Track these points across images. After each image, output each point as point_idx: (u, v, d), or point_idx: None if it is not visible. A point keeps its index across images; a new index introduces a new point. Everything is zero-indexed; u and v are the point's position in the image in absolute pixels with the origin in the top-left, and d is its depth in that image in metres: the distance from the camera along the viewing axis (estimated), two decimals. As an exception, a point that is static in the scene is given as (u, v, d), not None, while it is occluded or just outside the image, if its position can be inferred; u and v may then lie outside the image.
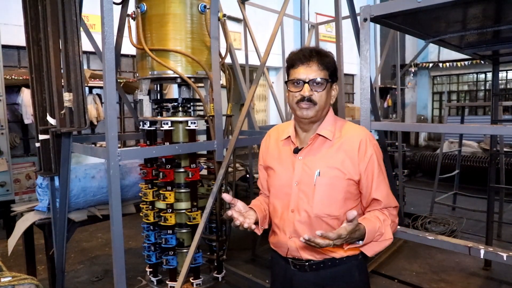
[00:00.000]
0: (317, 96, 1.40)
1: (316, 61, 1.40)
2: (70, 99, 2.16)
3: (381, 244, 1.40)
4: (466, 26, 2.13)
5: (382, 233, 1.38)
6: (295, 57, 1.43)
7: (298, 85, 1.41)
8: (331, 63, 1.43)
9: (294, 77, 1.42)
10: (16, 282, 1.48)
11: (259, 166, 1.68)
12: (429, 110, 14.46)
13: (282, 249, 1.52)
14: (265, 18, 7.94)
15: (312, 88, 1.39)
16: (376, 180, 1.42)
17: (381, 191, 1.43)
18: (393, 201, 1.47)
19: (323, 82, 1.40)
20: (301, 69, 1.40)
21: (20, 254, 3.57)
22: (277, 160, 1.54)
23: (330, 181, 1.41)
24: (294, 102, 1.43)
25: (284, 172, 1.50)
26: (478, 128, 1.82)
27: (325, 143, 1.46)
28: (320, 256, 1.44)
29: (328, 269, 1.45)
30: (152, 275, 2.89)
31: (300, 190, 1.44)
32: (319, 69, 1.40)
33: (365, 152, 1.41)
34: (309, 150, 1.47)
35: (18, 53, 6.38)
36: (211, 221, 2.89)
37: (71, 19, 2.09)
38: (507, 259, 1.51)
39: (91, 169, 3.07)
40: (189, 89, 2.90)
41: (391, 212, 1.46)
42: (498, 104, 3.98)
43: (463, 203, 5.66)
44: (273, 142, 1.61)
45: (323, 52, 1.44)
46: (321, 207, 1.41)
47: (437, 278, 3.59)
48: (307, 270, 1.47)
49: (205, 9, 2.61)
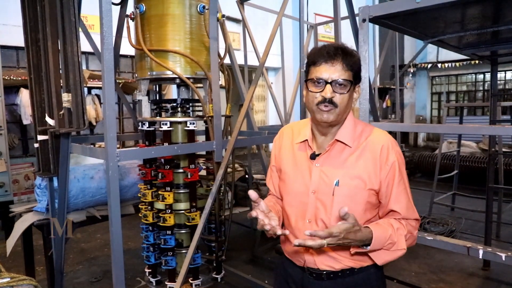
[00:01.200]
0: (339, 99, 1.28)
1: (340, 60, 1.28)
2: (69, 99, 2.15)
3: (393, 254, 1.30)
4: (465, 26, 2.14)
5: (394, 242, 1.28)
6: (318, 54, 1.30)
7: (319, 85, 1.29)
8: (356, 64, 1.32)
9: (316, 76, 1.29)
10: (15, 283, 1.47)
11: (270, 166, 1.57)
12: (428, 111, 14.48)
13: (298, 260, 1.44)
14: (264, 19, 7.95)
15: (334, 89, 1.28)
16: (396, 189, 1.33)
17: (400, 202, 1.33)
18: (413, 214, 1.36)
19: (346, 84, 1.28)
20: (324, 67, 1.28)
21: (18, 255, 3.56)
22: (292, 164, 1.44)
23: (349, 191, 1.32)
24: (314, 104, 1.30)
25: (299, 179, 1.40)
26: (476, 129, 1.82)
27: (345, 149, 1.35)
28: (339, 266, 1.37)
29: (345, 278, 1.38)
30: (151, 276, 2.89)
31: (317, 199, 1.35)
32: (344, 69, 1.28)
33: (387, 159, 1.32)
34: (326, 157, 1.36)
35: (16, 54, 6.37)
36: (210, 221, 2.89)
37: (69, 19, 2.09)
38: (506, 259, 1.51)
39: (90, 170, 3.07)
40: (188, 90, 2.90)
41: (410, 223, 1.35)
42: (496, 104, 3.98)
43: (462, 204, 5.67)
44: (287, 143, 1.49)
45: (349, 50, 1.31)
46: (340, 219, 1.28)
47: (436, 278, 3.60)
48: (324, 279, 1.39)
49: (204, 10, 2.61)
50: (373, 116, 3.62)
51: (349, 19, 3.01)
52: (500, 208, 4.63)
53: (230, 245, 3.37)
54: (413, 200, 1.38)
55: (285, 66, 5.20)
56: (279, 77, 10.30)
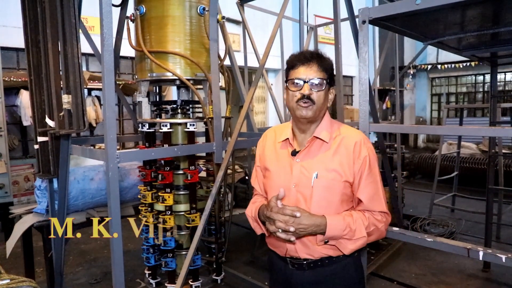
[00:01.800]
0: (316, 96, 1.44)
1: (316, 62, 1.44)
2: (69, 101, 2.15)
3: (356, 243, 1.42)
4: (465, 28, 2.14)
5: (353, 230, 1.40)
6: (296, 59, 1.47)
7: (298, 85, 1.44)
8: (329, 66, 1.48)
9: (294, 76, 1.45)
10: (15, 284, 1.47)
11: (255, 167, 1.69)
12: (428, 112, 14.48)
13: (280, 249, 1.55)
14: (264, 20, 7.95)
15: (311, 87, 1.43)
16: (364, 181, 1.45)
17: (366, 192, 1.46)
18: (379, 207, 1.47)
19: (322, 83, 1.44)
20: (302, 69, 1.44)
21: (18, 256, 3.55)
22: (275, 162, 1.57)
23: (327, 183, 1.44)
24: (293, 102, 1.45)
25: (282, 174, 1.52)
26: (476, 130, 1.82)
27: (322, 145, 1.49)
28: (318, 255, 1.47)
29: (326, 267, 1.49)
30: (151, 277, 2.89)
31: (298, 192, 1.47)
32: (319, 70, 1.44)
33: (359, 153, 1.45)
34: (306, 153, 1.50)
35: (17, 55, 6.38)
36: (210, 223, 2.89)
37: (70, 21, 2.09)
38: (506, 260, 1.51)
39: (90, 171, 3.07)
40: (188, 91, 2.90)
41: (375, 216, 1.46)
42: (496, 105, 3.99)
43: (462, 205, 5.66)
44: (270, 143, 1.63)
45: (323, 55, 1.49)
46: (318, 209, 1.43)
47: (436, 280, 3.59)
48: (305, 269, 1.50)
49: (204, 11, 2.61)
50: (373, 118, 3.62)
51: (349, 20, 3.02)
52: (500, 210, 4.62)
53: (230, 246, 3.37)
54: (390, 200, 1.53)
55: (285, 68, 5.19)
56: (279, 79, 10.30)
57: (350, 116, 10.19)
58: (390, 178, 4.19)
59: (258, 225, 1.54)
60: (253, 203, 1.62)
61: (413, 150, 12.12)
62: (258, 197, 1.67)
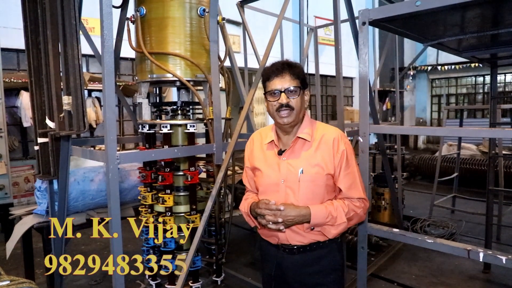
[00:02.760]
0: (293, 102, 1.60)
1: (288, 72, 1.60)
2: (69, 102, 2.16)
3: (338, 228, 1.59)
4: (465, 29, 2.14)
5: (334, 217, 1.58)
6: (270, 71, 1.63)
7: (275, 95, 1.61)
8: (301, 73, 1.64)
9: (271, 88, 1.61)
10: (14, 286, 1.47)
11: (245, 168, 1.86)
12: (428, 113, 14.49)
13: (272, 238, 1.72)
14: (264, 22, 7.95)
15: (288, 95, 1.60)
16: (343, 172, 1.63)
17: (345, 182, 1.63)
18: (356, 194, 1.64)
19: (296, 90, 1.61)
20: (276, 80, 1.61)
21: (18, 258, 3.55)
22: (264, 162, 1.73)
23: (312, 177, 1.62)
24: (274, 111, 1.62)
25: (271, 172, 1.69)
26: (476, 131, 1.82)
27: (305, 144, 1.66)
28: (308, 240, 1.65)
29: (314, 251, 1.67)
30: (151, 279, 2.89)
31: (287, 187, 1.64)
32: (292, 78, 1.60)
33: (338, 148, 1.63)
34: (291, 152, 1.67)
35: (17, 56, 6.39)
36: (210, 224, 2.89)
37: (70, 22, 2.10)
38: (506, 262, 1.51)
39: (90, 172, 3.07)
40: (188, 92, 2.90)
41: (354, 203, 1.63)
42: (496, 107, 3.99)
43: (462, 206, 5.66)
44: (258, 145, 1.79)
45: (293, 64, 1.65)
46: (306, 200, 1.61)
47: (437, 281, 3.59)
48: (295, 253, 1.67)
49: (204, 13, 2.61)
50: (373, 119, 3.62)
51: (349, 22, 3.02)
52: (500, 211, 4.62)
53: (230, 247, 3.37)
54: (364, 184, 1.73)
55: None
56: (279, 80, 10.29)
57: (350, 117, 10.19)
58: (390, 179, 4.19)
59: (251, 219, 1.71)
60: (246, 199, 1.79)
61: (413, 151, 12.13)
62: (250, 193, 1.84)
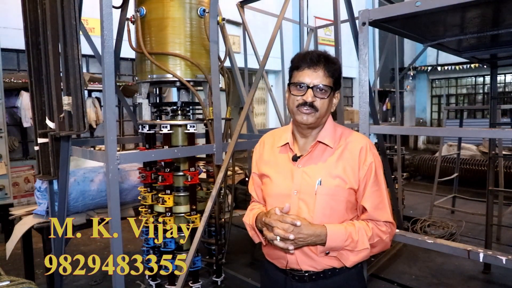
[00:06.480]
0: (319, 103, 1.35)
1: (323, 67, 1.35)
2: (69, 102, 2.16)
3: (358, 255, 1.33)
4: (465, 30, 2.14)
5: (355, 240, 1.31)
6: (302, 60, 1.37)
7: (301, 89, 1.35)
8: (337, 71, 1.39)
9: (298, 80, 1.36)
10: (14, 286, 1.47)
11: (252, 174, 1.59)
12: (428, 113, 14.48)
13: (280, 261, 1.44)
14: (264, 22, 7.95)
15: (315, 94, 1.34)
16: (369, 188, 1.37)
17: (371, 201, 1.36)
18: (384, 216, 1.38)
19: (327, 90, 1.35)
20: (307, 72, 1.35)
21: (18, 258, 3.55)
22: (274, 167, 1.47)
23: (331, 190, 1.35)
24: (294, 106, 1.37)
25: (282, 181, 1.42)
26: (476, 132, 1.81)
27: (326, 151, 1.40)
28: (321, 266, 1.38)
29: (328, 279, 1.39)
30: (151, 279, 2.88)
31: (300, 199, 1.38)
32: (325, 75, 1.35)
33: (365, 160, 1.37)
34: (309, 158, 1.41)
35: (17, 57, 6.39)
36: (210, 224, 2.89)
37: (70, 22, 2.10)
38: (506, 262, 1.51)
39: (90, 173, 3.07)
40: (188, 93, 2.90)
41: (379, 226, 1.37)
42: (496, 107, 3.99)
43: (462, 206, 5.66)
44: (268, 148, 1.53)
45: (331, 58, 1.38)
46: (322, 218, 1.34)
47: (437, 282, 3.59)
48: (306, 281, 1.40)
49: (204, 13, 2.61)
50: (373, 119, 3.62)
51: (349, 22, 3.02)
52: (500, 211, 4.62)
53: (230, 248, 3.37)
54: (396, 205, 1.49)
55: (285, 69, 5.19)
56: (279, 80, 10.31)
57: (350, 117, 10.19)
58: (390, 179, 4.19)
59: (256, 233, 1.45)
60: (251, 210, 1.53)
61: (413, 152, 12.12)
62: (256, 204, 1.57)
